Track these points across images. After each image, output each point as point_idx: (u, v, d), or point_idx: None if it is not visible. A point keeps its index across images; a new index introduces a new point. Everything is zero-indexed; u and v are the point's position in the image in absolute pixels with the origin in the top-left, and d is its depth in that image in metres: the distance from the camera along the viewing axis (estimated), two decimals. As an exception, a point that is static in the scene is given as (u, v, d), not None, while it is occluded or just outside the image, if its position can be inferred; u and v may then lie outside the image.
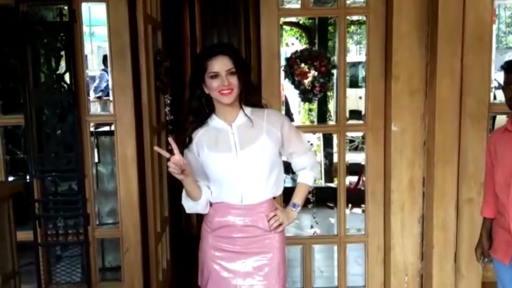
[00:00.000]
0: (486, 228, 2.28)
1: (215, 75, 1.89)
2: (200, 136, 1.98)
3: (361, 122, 3.72)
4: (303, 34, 9.59)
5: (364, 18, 3.09)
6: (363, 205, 3.37)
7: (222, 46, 2.04)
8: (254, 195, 1.98)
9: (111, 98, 3.19)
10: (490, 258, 2.28)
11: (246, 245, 2.01)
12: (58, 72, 2.84)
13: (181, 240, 4.31)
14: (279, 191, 2.08)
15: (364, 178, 3.28)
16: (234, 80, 1.90)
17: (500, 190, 2.13)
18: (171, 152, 1.85)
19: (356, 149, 8.33)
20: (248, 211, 1.99)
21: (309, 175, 2.15)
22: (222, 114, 1.98)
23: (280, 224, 2.04)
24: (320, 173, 2.26)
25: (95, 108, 6.78)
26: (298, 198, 2.13)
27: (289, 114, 8.54)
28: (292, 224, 2.18)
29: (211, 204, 2.05)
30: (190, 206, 2.05)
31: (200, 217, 2.25)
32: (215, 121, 1.99)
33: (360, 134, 7.13)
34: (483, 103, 2.77)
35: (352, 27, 10.08)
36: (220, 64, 1.89)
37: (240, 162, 1.94)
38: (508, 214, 2.10)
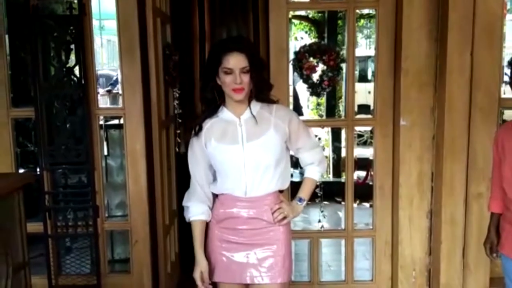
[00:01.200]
0: (494, 223, 2.27)
1: (229, 71, 1.89)
2: (208, 128, 2.00)
3: (369, 116, 3.70)
4: (312, 28, 9.54)
5: (374, 12, 3.08)
6: (371, 200, 3.37)
7: (239, 42, 1.98)
8: (258, 188, 1.99)
9: (120, 91, 3.20)
10: (499, 253, 2.27)
11: (251, 237, 2.02)
12: (68, 65, 2.86)
13: (189, 232, 4.32)
14: (286, 185, 2.08)
15: (372, 173, 3.27)
16: (246, 78, 1.90)
17: (507, 185, 2.11)
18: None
19: (364, 143, 8.31)
20: (252, 203, 2.00)
21: (316, 171, 2.15)
22: (232, 107, 2.00)
23: (285, 217, 2.04)
24: (326, 169, 2.24)
25: (104, 101, 6.81)
26: (304, 192, 2.14)
27: (298, 108, 8.52)
28: (300, 218, 2.18)
29: (216, 196, 2.07)
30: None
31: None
32: (224, 113, 2.01)
33: (368, 128, 7.13)
34: (493, 98, 2.75)
35: (362, 21, 10.00)
36: (235, 61, 1.89)
37: (245, 154, 1.95)
38: (516, 209, 2.09)
